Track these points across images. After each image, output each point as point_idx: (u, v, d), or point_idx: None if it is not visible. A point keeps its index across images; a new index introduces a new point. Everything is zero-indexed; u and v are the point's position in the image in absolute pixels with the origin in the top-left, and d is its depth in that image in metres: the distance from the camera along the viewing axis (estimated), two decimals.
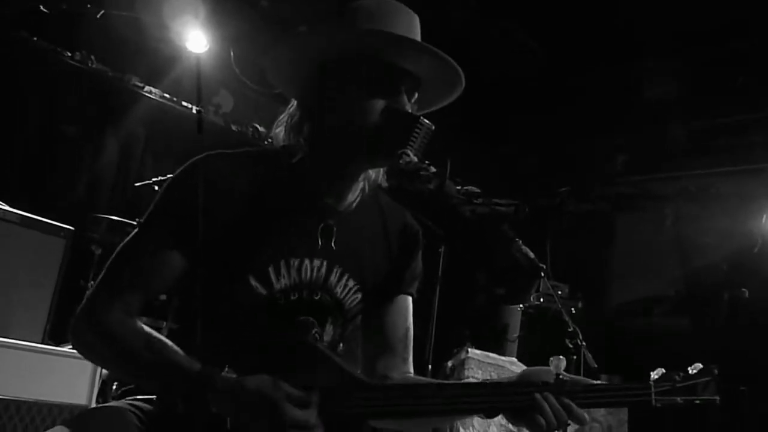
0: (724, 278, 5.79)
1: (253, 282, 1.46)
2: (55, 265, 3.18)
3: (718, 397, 1.50)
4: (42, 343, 2.96)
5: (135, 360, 1.40)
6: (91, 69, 4.93)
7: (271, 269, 1.47)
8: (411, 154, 1.45)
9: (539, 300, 5.58)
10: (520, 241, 1.96)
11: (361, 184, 1.59)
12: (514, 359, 4.58)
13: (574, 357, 4.11)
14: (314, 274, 1.52)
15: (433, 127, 1.49)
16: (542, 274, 2.65)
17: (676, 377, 1.48)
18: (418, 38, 1.54)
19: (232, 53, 5.10)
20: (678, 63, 5.68)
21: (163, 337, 1.41)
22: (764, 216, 5.43)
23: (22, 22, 4.62)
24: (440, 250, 3.97)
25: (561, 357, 1.41)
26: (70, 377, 2.91)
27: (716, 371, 1.51)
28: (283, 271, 1.48)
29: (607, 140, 6.49)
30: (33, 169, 4.78)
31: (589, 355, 4.08)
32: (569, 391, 1.41)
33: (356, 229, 1.59)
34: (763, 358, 5.20)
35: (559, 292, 5.40)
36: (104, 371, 3.14)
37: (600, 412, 4.92)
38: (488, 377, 4.35)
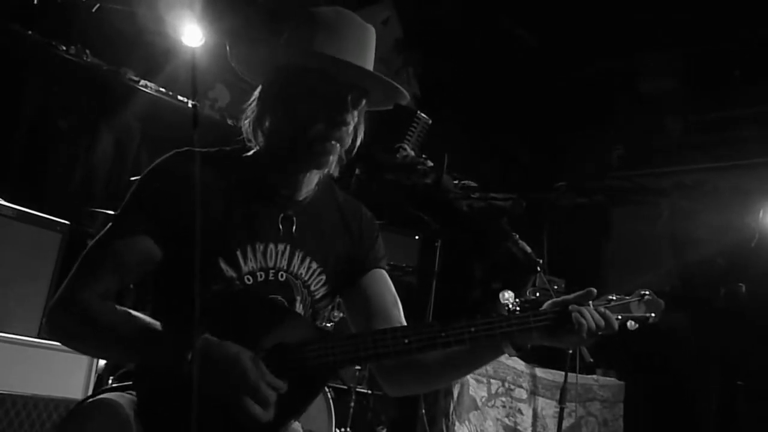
0: (720, 273, 5.81)
1: (223, 264, 1.58)
2: (51, 260, 3.18)
3: (651, 314, 1.69)
4: (37, 338, 2.96)
5: (113, 334, 1.48)
6: (86, 63, 4.90)
7: (239, 253, 1.59)
8: (408, 148, 1.48)
9: (535, 294, 5.58)
10: (517, 236, 1.97)
11: (316, 176, 1.71)
12: None
13: (570, 351, 4.13)
14: (279, 257, 1.64)
15: (430, 121, 1.51)
16: (539, 269, 2.65)
17: (611, 297, 1.67)
18: (371, 48, 1.68)
19: (227, 47, 5.08)
20: (674, 57, 5.68)
21: (139, 313, 1.50)
22: (761, 211, 5.44)
23: (16, 15, 4.60)
24: (436, 244, 3.96)
25: (509, 291, 1.53)
26: (65, 371, 2.91)
27: (646, 294, 1.71)
28: (250, 254, 1.61)
29: (602, 134, 6.50)
30: (28, 164, 4.76)
31: (585, 350, 4.09)
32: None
33: (315, 220, 1.72)
34: (760, 353, 5.22)
35: (555, 287, 5.41)
36: (100, 365, 3.14)
37: (596, 406, 4.94)
38: (484, 371, 4.36)
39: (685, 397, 5.83)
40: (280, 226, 1.65)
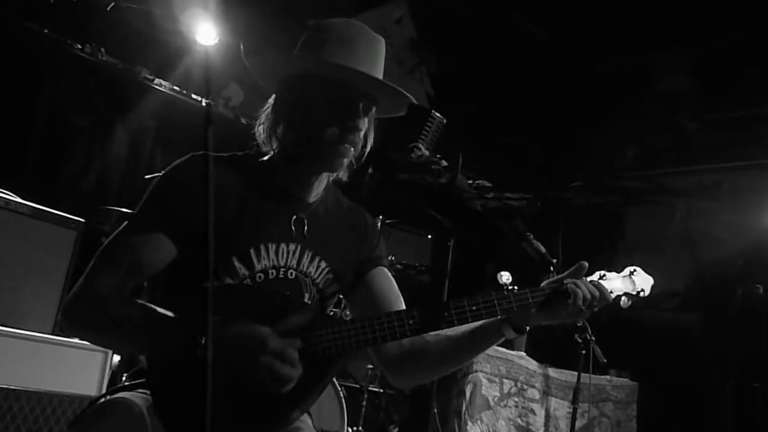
0: (738, 274, 5.75)
1: (236, 263, 1.63)
2: (66, 257, 3.19)
3: (642, 290, 1.73)
4: (52, 334, 2.98)
5: (128, 324, 1.52)
6: (101, 61, 4.93)
7: (252, 251, 1.65)
8: (422, 148, 1.49)
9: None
10: (532, 236, 1.97)
11: (325, 180, 1.79)
12: (523, 353, 4.58)
13: (583, 351, 4.10)
14: (289, 256, 1.70)
15: (445, 121, 1.51)
16: (552, 268, 2.64)
17: (602, 273, 1.72)
18: (381, 58, 1.74)
19: (241, 46, 5.09)
20: (690, 55, 5.63)
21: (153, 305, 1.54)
22: None
23: (32, 13, 4.63)
24: (449, 243, 3.95)
25: (506, 272, 1.55)
26: (80, 368, 2.93)
27: (636, 270, 1.74)
28: (263, 253, 1.66)
29: (616, 133, 6.45)
30: (44, 162, 4.80)
31: (598, 350, 4.07)
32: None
33: (324, 222, 1.78)
34: None
35: None
36: (114, 362, 3.15)
37: (609, 407, 4.91)
38: (496, 371, 4.35)
39: (699, 399, 5.78)
40: (292, 227, 1.72)
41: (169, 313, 1.52)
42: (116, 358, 3.18)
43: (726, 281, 5.83)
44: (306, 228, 1.73)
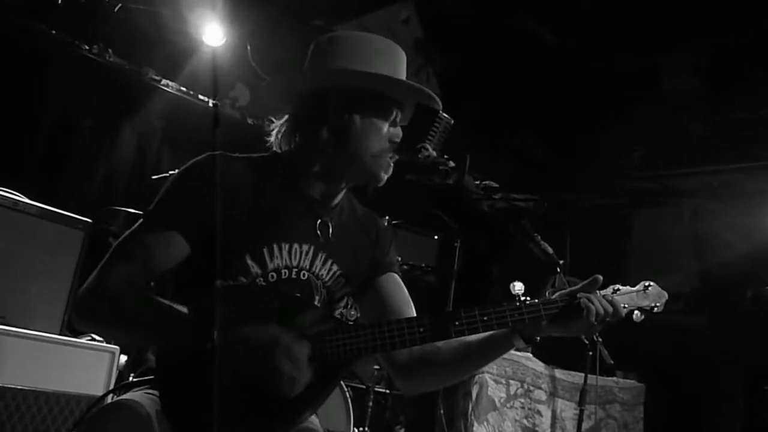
0: (746, 275, 5.73)
1: (249, 261, 1.63)
2: (73, 257, 3.20)
3: (656, 304, 1.71)
4: (60, 335, 2.98)
5: (139, 317, 1.53)
6: (109, 62, 4.95)
7: (265, 250, 1.65)
8: (430, 149, 1.49)
9: (554, 295, 5.53)
10: (539, 236, 1.97)
11: (343, 184, 1.80)
12: (529, 354, 4.57)
13: (590, 353, 4.09)
14: (302, 257, 1.71)
15: (452, 121, 1.51)
16: (558, 269, 2.64)
17: (617, 287, 1.71)
18: (404, 66, 1.76)
19: (248, 47, 5.10)
20: (697, 56, 5.60)
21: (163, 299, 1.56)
22: None
23: (40, 14, 4.65)
24: (456, 244, 3.94)
25: (519, 282, 1.55)
26: (87, 368, 2.94)
27: (650, 285, 1.73)
28: (276, 252, 1.66)
29: (623, 134, 6.43)
30: (51, 162, 4.82)
31: (605, 351, 4.06)
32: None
33: (341, 226, 1.80)
34: None
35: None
36: (122, 362, 3.16)
37: (616, 409, 4.89)
38: (503, 372, 4.34)
39: (707, 401, 5.76)
40: (318, 231, 1.73)
41: (181, 309, 1.53)
42: (123, 358, 3.19)
43: (734, 283, 5.80)
44: (320, 230, 1.73)
